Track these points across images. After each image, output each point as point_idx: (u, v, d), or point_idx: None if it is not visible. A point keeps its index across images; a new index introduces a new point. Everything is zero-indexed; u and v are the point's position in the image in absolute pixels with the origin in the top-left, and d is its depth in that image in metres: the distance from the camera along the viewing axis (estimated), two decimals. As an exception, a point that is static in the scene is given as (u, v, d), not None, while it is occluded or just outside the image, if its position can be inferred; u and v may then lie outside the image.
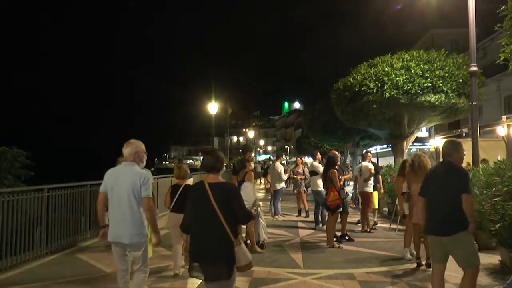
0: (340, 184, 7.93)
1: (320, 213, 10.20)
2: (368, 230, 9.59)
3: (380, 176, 10.68)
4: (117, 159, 6.55)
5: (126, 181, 4.17)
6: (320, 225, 10.02)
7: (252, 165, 7.77)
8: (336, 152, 8.90)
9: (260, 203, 8.09)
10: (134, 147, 4.35)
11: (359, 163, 11.88)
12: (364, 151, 12.35)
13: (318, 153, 11.32)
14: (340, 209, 7.97)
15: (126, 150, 4.34)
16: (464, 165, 4.64)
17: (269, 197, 13.22)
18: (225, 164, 4.28)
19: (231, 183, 4.77)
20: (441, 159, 4.62)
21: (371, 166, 10.03)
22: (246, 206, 4.69)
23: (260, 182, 26.02)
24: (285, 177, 12.20)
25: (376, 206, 10.76)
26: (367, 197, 9.93)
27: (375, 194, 10.46)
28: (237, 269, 3.66)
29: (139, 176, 4.19)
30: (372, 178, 10.03)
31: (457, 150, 4.37)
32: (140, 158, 4.39)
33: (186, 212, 3.76)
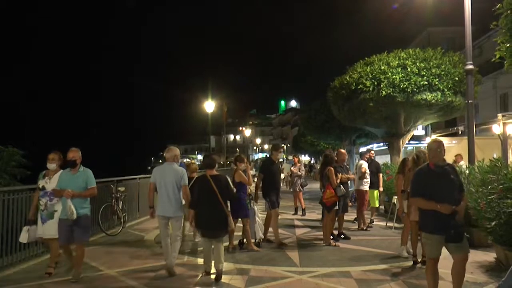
0: (337, 182, 7.93)
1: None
2: (365, 228, 9.60)
3: (380, 175, 10.66)
4: (48, 156, 6.05)
5: (171, 175, 6.01)
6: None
7: (243, 165, 7.79)
8: (344, 151, 8.98)
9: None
10: (173, 152, 6.24)
11: (357, 161, 11.91)
12: (366, 149, 12.37)
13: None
14: (337, 207, 7.96)
15: (168, 154, 6.24)
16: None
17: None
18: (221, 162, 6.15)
19: (223, 175, 6.43)
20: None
21: (364, 165, 10.06)
22: None
23: None
24: (282, 175, 12.21)
25: (377, 205, 10.79)
26: (362, 195, 9.95)
27: (376, 192, 10.48)
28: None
29: (179, 172, 6.08)
30: (368, 177, 10.05)
31: (427, 150, 4.62)
32: (177, 159, 6.32)
33: (193, 195, 5.82)
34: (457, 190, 4.44)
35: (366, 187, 10.00)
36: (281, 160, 15.74)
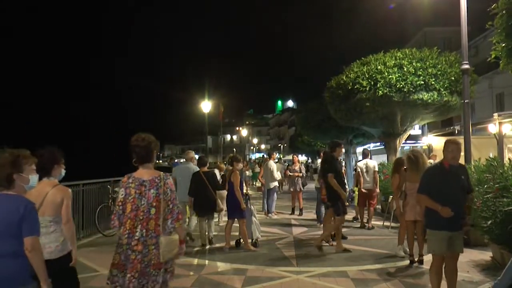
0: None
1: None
2: (370, 226, 9.65)
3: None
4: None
5: (188, 171, 8.09)
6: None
7: (240, 165, 7.92)
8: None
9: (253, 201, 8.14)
10: (190, 155, 8.84)
11: (358, 160, 11.92)
12: (362, 149, 12.43)
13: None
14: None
15: (187, 156, 8.85)
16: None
17: (261, 195, 13.22)
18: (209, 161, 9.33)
19: (212, 170, 8.79)
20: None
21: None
22: None
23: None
24: (277, 175, 12.16)
25: None
26: (373, 194, 9.99)
27: None
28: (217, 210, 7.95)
29: (193, 170, 8.04)
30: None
31: (445, 149, 4.51)
32: (193, 160, 8.63)
33: (191, 185, 7.69)
34: (464, 191, 4.49)
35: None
36: (276, 160, 15.70)
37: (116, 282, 3.29)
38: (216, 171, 11.61)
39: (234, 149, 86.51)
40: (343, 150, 7.71)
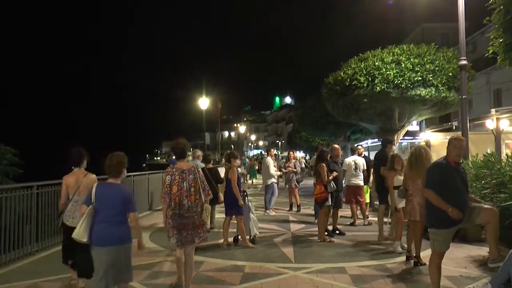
0: (328, 179, 7.90)
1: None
2: (364, 223, 9.71)
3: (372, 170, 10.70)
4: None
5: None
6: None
7: (238, 162, 7.89)
8: (338, 146, 9.00)
9: (251, 198, 8.14)
10: (197, 153, 9.56)
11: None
12: (355, 145, 12.42)
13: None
14: (329, 203, 7.94)
15: (195, 154, 9.50)
16: None
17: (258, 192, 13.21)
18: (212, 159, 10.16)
19: (215, 167, 9.61)
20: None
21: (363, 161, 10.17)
22: None
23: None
24: (273, 172, 12.14)
25: (368, 200, 10.82)
26: (361, 191, 10.02)
27: (366, 187, 10.51)
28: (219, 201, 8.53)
29: (198, 166, 8.01)
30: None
31: (451, 146, 4.50)
32: (200, 158, 9.38)
33: None
34: (467, 188, 4.55)
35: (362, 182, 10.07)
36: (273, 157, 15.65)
37: (176, 237, 4.80)
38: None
39: (232, 145, 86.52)
40: (394, 148, 8.17)
